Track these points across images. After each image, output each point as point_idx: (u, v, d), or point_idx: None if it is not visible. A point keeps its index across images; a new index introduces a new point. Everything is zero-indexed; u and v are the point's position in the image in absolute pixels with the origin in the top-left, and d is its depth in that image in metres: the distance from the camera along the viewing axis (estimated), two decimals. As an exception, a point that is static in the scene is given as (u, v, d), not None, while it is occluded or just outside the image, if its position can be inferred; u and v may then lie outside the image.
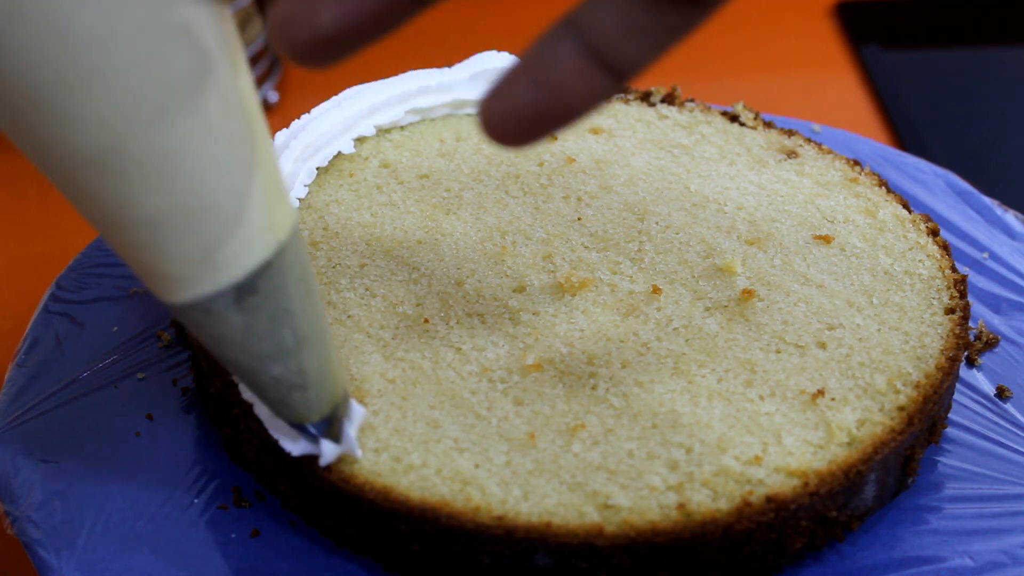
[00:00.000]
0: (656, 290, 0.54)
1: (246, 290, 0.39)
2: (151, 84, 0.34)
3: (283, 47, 0.33)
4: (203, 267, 0.38)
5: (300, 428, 0.45)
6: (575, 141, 0.63)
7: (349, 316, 0.53)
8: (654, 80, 0.68)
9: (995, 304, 0.59)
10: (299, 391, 0.43)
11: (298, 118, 0.61)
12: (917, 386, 0.50)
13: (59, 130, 0.35)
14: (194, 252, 0.38)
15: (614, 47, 0.34)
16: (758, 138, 0.64)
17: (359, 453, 0.46)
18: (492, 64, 0.64)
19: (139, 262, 0.39)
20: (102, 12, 0.33)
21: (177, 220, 0.37)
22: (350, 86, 0.63)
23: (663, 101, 0.66)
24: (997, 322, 0.58)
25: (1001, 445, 0.52)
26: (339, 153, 0.61)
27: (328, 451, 0.45)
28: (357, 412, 0.47)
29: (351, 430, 0.46)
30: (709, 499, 0.45)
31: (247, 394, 0.49)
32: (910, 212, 0.60)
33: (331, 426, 0.45)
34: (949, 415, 0.53)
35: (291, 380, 0.42)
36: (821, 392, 0.49)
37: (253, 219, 0.38)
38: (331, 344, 0.44)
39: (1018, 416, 0.54)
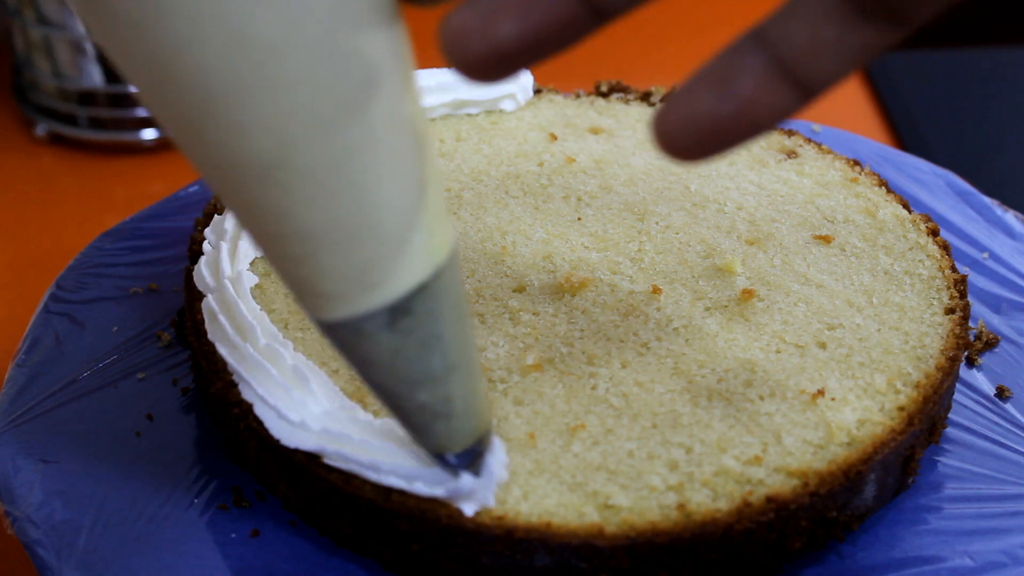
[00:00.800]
0: (656, 290, 0.54)
1: (400, 312, 0.38)
2: (322, 95, 0.34)
3: (456, 61, 0.32)
4: (358, 285, 0.37)
5: (439, 458, 0.44)
6: (575, 141, 0.63)
7: (349, 316, 0.53)
8: (654, 80, 0.68)
9: (995, 304, 0.59)
10: (443, 420, 0.42)
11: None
12: (917, 386, 0.50)
13: (228, 137, 0.34)
14: (351, 269, 0.37)
15: (804, 62, 0.32)
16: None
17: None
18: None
19: (293, 276, 0.38)
20: (284, 21, 0.32)
21: (337, 235, 0.36)
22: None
23: (663, 101, 0.66)
24: (997, 322, 0.58)
25: (1001, 445, 0.52)
26: (339, 153, 0.61)
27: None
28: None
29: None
30: (709, 499, 0.45)
31: (247, 394, 0.49)
32: (910, 212, 0.60)
33: (472, 460, 0.44)
34: (949, 415, 0.53)
35: (436, 408, 0.41)
36: (821, 392, 0.49)
37: (413, 239, 0.37)
38: (479, 375, 0.42)
39: (1018, 416, 0.54)
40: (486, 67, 0.32)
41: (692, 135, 0.33)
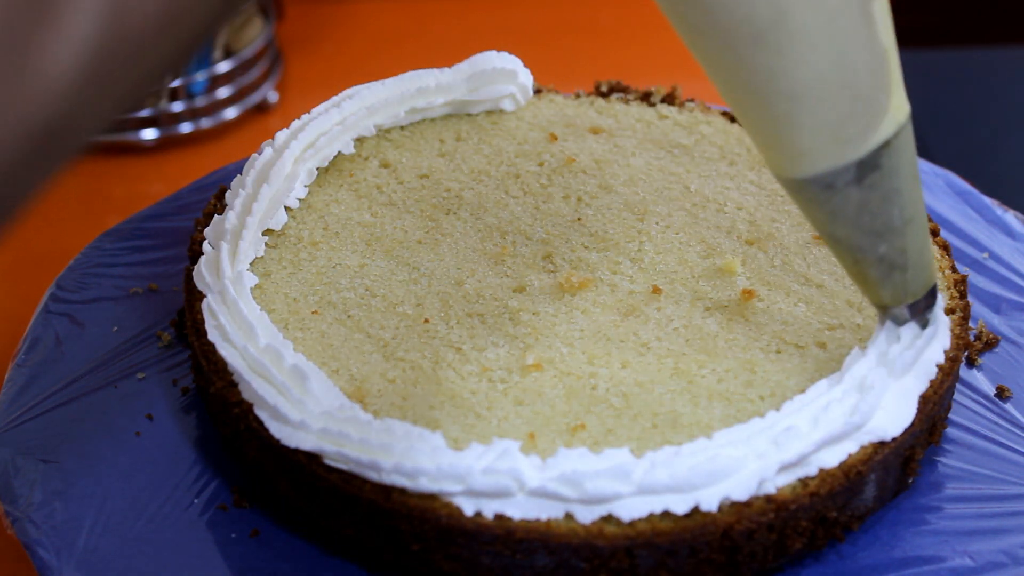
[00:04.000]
0: (656, 290, 0.54)
1: (868, 167, 0.43)
2: None
3: None
4: (832, 142, 0.42)
5: (889, 311, 0.49)
6: (575, 141, 0.63)
7: (349, 316, 0.53)
8: (654, 80, 0.68)
9: (995, 304, 0.59)
10: (899, 271, 0.47)
11: (298, 118, 0.61)
12: (917, 386, 0.50)
13: (733, 2, 0.39)
14: (828, 126, 0.42)
15: None
16: (758, 138, 0.64)
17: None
18: (492, 64, 0.64)
19: (770, 136, 0.43)
20: None
21: (819, 93, 0.41)
22: (350, 86, 0.63)
23: (663, 101, 0.66)
24: (997, 322, 0.58)
25: (1001, 445, 0.52)
26: (339, 153, 0.61)
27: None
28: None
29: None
30: (709, 499, 0.45)
31: (247, 394, 0.49)
32: (910, 212, 0.60)
33: (922, 311, 0.49)
34: (949, 415, 0.53)
35: (893, 259, 0.46)
36: (821, 392, 0.49)
37: (880, 98, 0.42)
38: (927, 229, 0.47)
39: (1018, 416, 0.54)
40: None
41: None
